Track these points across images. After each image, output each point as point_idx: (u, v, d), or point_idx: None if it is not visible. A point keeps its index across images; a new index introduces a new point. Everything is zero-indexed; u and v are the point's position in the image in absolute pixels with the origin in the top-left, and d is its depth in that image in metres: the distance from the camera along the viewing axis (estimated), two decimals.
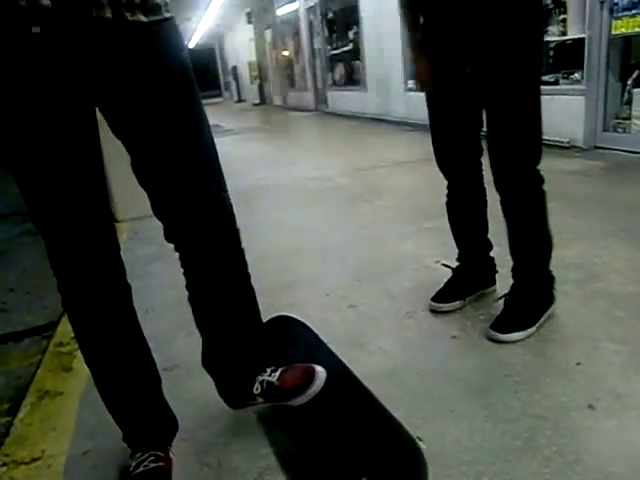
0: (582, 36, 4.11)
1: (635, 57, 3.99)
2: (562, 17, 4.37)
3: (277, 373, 1.37)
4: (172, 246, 1.23)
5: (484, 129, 1.65)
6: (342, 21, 9.76)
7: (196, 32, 19.42)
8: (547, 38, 4.53)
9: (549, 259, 1.72)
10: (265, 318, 2.00)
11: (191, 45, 23.50)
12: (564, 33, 4.35)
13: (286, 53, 13.60)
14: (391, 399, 1.45)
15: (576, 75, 4.30)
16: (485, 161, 1.70)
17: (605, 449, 1.20)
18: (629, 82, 3.96)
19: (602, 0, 3.86)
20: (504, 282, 1.81)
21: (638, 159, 3.76)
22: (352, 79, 9.64)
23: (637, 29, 3.70)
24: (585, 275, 2.06)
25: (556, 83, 4.51)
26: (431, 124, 1.78)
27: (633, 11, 3.69)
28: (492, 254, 1.93)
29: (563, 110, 4.36)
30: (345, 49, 9.71)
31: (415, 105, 6.46)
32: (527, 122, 1.56)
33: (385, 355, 1.69)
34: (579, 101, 4.21)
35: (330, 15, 10.29)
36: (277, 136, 8.78)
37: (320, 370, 1.35)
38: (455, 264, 1.98)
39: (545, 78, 4.62)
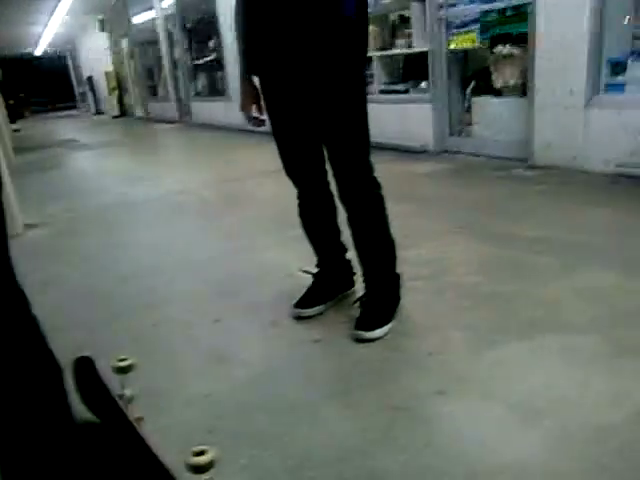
0: (425, 49, 4.45)
1: (472, 68, 4.41)
2: (408, 31, 4.69)
3: None
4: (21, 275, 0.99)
5: None
6: (202, 31, 9.62)
7: (43, 38, 18.04)
8: (395, 50, 4.86)
9: (395, 259, 1.82)
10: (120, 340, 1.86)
11: (38, 52, 21.78)
12: (410, 45, 4.68)
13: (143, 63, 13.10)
14: (252, 410, 1.45)
15: (423, 84, 4.64)
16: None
17: (454, 431, 1.30)
18: (468, 91, 4.36)
19: (439, 17, 4.21)
20: (362, 283, 1.89)
21: (479, 161, 4.15)
22: (216, 89, 9.54)
23: (468, 45, 4.10)
24: (435, 270, 2.21)
25: (406, 92, 4.83)
26: (274, 136, 1.82)
27: (464, 29, 4.08)
28: (348, 257, 2.00)
29: (414, 117, 4.68)
30: (208, 59, 9.58)
31: None
32: (356, 139, 1.69)
33: (247, 367, 1.66)
34: (427, 108, 4.55)
35: (189, 25, 10.10)
36: (139, 150, 8.41)
37: None
38: (315, 270, 2.02)
39: (396, 87, 4.95)
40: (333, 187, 1.84)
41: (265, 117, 1.82)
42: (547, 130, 3.60)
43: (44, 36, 17.44)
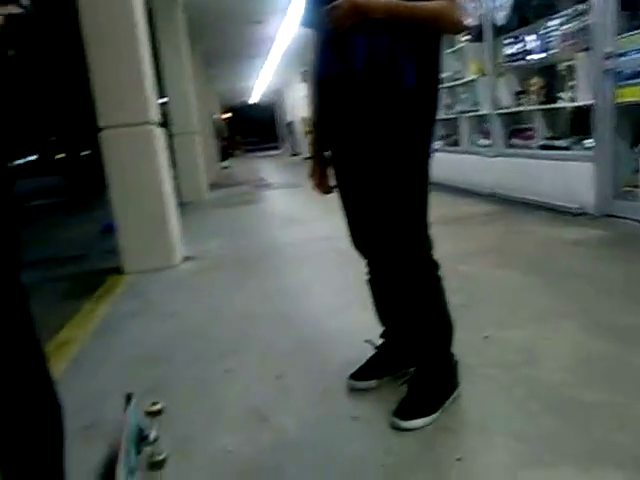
0: (589, 103, 4.03)
1: None
2: (572, 83, 4.31)
3: None
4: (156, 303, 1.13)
5: None
6: None
7: (255, 89, 20.54)
8: (556, 104, 4.49)
9: (449, 345, 1.68)
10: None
11: (252, 101, 24.85)
12: (573, 99, 4.29)
13: None
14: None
15: (588, 141, 4.20)
16: None
17: None
18: (637, 150, 3.82)
19: (606, 68, 3.80)
20: None
21: None
22: None
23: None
24: (520, 359, 1.96)
25: (568, 148, 4.42)
26: (342, 208, 1.83)
27: (636, 80, 3.60)
28: None
29: (574, 176, 4.24)
30: None
31: (435, 166, 6.45)
32: (407, 215, 1.60)
33: (279, 432, 1.68)
34: (589, 167, 4.09)
35: None
36: (308, 193, 8.95)
37: None
38: (379, 341, 1.96)
39: (557, 143, 4.56)
40: None
41: (332, 184, 1.85)
42: None
43: (256, 88, 19.91)
